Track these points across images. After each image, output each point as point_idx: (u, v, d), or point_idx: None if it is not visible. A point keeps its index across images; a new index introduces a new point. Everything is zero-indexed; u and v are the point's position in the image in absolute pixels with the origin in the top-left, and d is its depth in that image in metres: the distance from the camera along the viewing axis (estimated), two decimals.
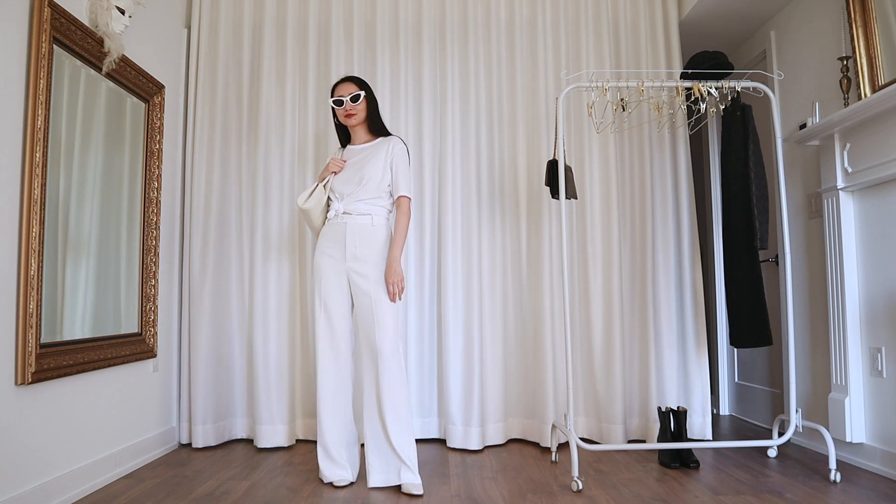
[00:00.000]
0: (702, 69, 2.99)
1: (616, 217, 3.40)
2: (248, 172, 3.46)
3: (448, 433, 3.26)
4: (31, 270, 2.21)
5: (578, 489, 2.51)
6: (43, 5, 2.27)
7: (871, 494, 2.44)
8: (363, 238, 2.62)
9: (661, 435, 3.00)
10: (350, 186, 2.66)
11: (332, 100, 2.72)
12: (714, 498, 2.41)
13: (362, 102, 2.71)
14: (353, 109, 2.70)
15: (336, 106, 2.72)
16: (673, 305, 3.43)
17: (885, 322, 2.74)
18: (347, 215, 2.64)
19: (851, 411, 2.84)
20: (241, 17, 3.52)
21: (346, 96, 2.69)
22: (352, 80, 2.74)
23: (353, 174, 2.68)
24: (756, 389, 3.91)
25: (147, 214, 3.07)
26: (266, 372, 3.30)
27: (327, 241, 2.67)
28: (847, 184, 2.87)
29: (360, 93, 2.70)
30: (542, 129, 3.46)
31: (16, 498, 2.12)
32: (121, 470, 2.78)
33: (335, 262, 2.64)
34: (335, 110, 2.75)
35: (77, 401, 2.52)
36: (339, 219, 2.66)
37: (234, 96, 3.51)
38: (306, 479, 2.71)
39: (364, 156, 2.71)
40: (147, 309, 3.05)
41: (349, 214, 2.64)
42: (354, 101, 2.69)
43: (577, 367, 3.41)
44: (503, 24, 3.54)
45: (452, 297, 3.33)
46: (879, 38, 2.75)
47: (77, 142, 2.54)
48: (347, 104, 2.69)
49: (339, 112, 2.73)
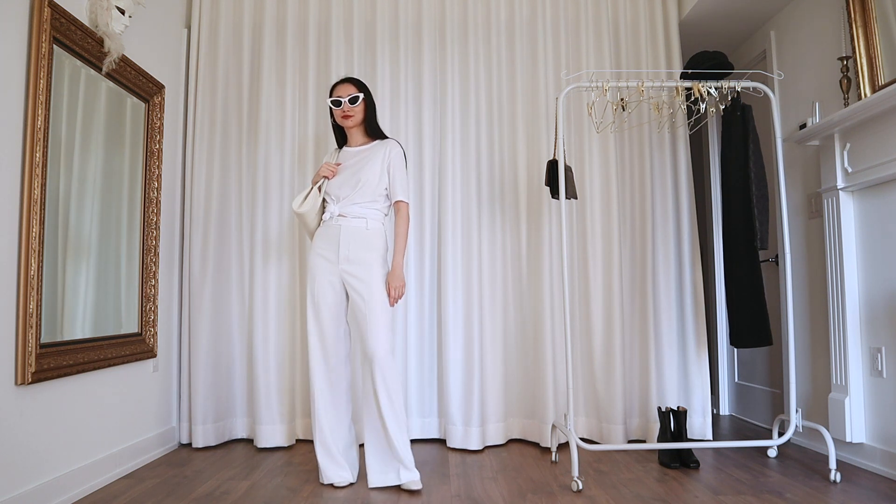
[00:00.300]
0: (702, 69, 2.99)
1: (616, 217, 3.40)
2: (248, 172, 3.46)
3: (448, 433, 3.26)
4: (31, 270, 2.21)
5: (578, 489, 2.51)
6: (43, 5, 2.27)
7: (871, 494, 2.44)
8: (357, 241, 2.62)
9: (661, 435, 3.00)
10: (346, 189, 2.65)
11: (331, 100, 2.72)
12: (714, 498, 2.41)
13: (360, 104, 2.71)
14: (351, 111, 2.69)
15: (334, 106, 2.72)
16: (673, 305, 3.43)
17: (885, 322, 2.74)
18: (342, 218, 2.65)
19: (851, 411, 2.84)
20: (241, 17, 3.52)
21: (345, 97, 2.69)
22: (351, 82, 2.73)
23: (349, 177, 2.67)
24: (756, 389, 3.91)
25: (147, 214, 3.07)
26: (266, 372, 3.30)
27: (321, 242, 2.68)
28: (847, 184, 2.87)
29: (359, 95, 2.70)
30: (542, 129, 3.46)
31: (16, 498, 2.13)
32: (121, 470, 2.78)
33: (329, 263, 2.64)
34: (333, 110, 2.75)
35: (77, 401, 2.52)
36: (333, 221, 2.66)
37: (234, 96, 3.51)
38: (306, 479, 2.71)
39: (360, 159, 2.71)
40: (147, 309, 3.05)
41: (344, 217, 2.65)
42: (353, 103, 2.69)
43: (577, 367, 3.41)
44: (503, 24, 3.54)
45: (452, 297, 3.33)
46: (879, 38, 2.75)
47: (77, 142, 2.54)
48: (345, 105, 2.69)
49: (337, 113, 2.72)
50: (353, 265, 2.61)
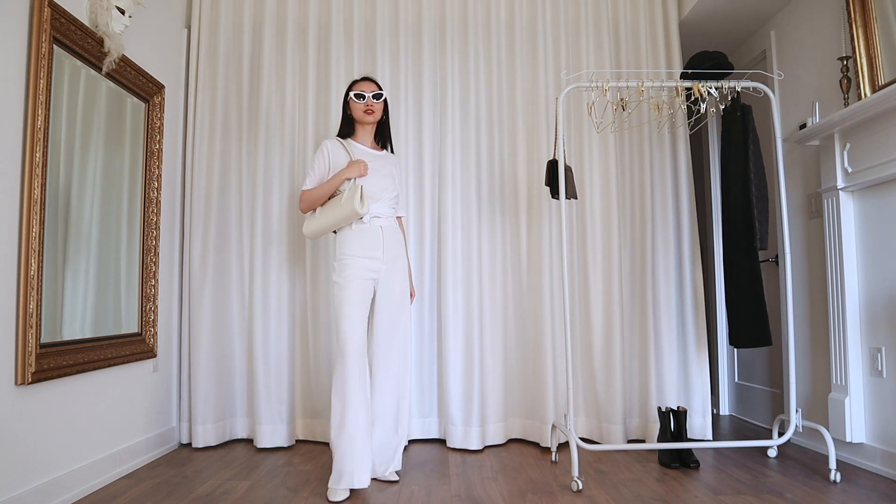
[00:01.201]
0: (702, 69, 2.99)
1: (616, 217, 3.40)
2: (248, 172, 3.46)
3: (448, 433, 3.26)
4: (31, 270, 2.21)
5: (578, 489, 2.51)
6: (43, 5, 2.27)
7: (871, 494, 2.44)
8: (395, 241, 2.73)
9: (661, 435, 3.00)
10: (378, 192, 2.69)
11: (354, 93, 2.73)
12: (714, 498, 2.41)
13: (381, 103, 2.76)
14: (374, 107, 2.73)
15: (357, 100, 2.72)
16: (673, 305, 3.43)
17: (885, 322, 2.74)
18: (378, 219, 2.67)
19: (851, 411, 2.84)
20: (241, 17, 3.52)
21: (369, 93, 2.72)
22: (374, 81, 2.79)
23: (378, 180, 2.71)
24: (756, 389, 3.91)
25: (147, 214, 3.07)
26: (266, 372, 3.30)
27: (362, 242, 2.62)
28: (847, 184, 2.87)
29: (382, 93, 2.76)
30: (542, 129, 3.46)
31: (16, 498, 2.13)
32: (121, 470, 2.78)
33: (375, 262, 2.63)
34: (352, 104, 2.74)
35: (77, 401, 2.52)
36: (372, 223, 2.65)
37: (235, 96, 3.51)
38: (306, 480, 2.71)
39: (380, 164, 2.75)
40: (147, 309, 3.05)
41: (379, 218, 2.68)
42: (376, 99, 2.73)
43: (577, 367, 3.41)
44: (503, 25, 3.54)
45: (452, 297, 3.33)
46: (879, 38, 2.75)
47: (77, 142, 2.54)
48: (370, 100, 2.72)
49: (359, 106, 2.72)
50: (393, 264, 2.70)
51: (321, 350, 3.37)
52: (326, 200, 2.67)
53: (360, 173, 2.62)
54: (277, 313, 3.37)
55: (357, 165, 2.62)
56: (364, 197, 2.57)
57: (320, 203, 2.67)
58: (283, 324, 3.37)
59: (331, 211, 2.62)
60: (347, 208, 2.56)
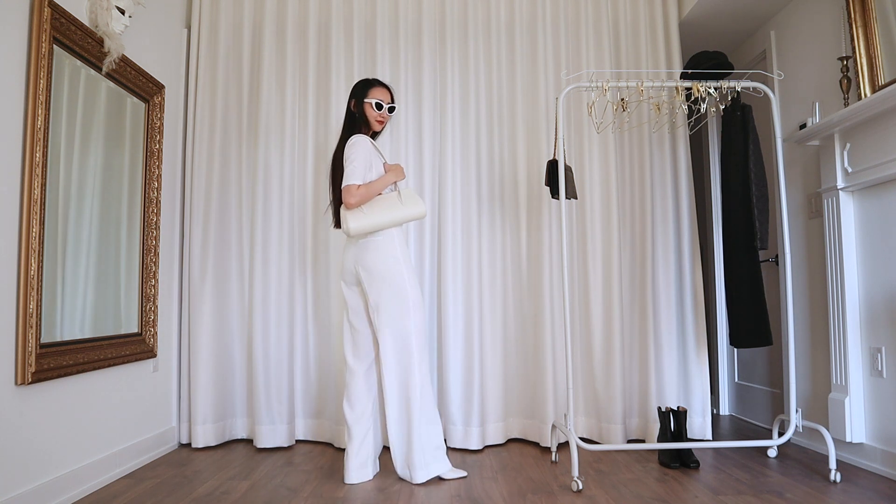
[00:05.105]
0: (702, 69, 2.99)
1: (616, 217, 3.40)
2: (248, 172, 3.46)
3: (448, 433, 3.26)
4: (31, 270, 2.21)
5: (578, 489, 2.51)
6: (43, 5, 2.27)
7: (871, 494, 2.44)
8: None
9: (661, 435, 3.00)
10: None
11: (375, 101, 2.73)
12: (714, 498, 2.41)
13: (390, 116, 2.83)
14: (386, 119, 2.79)
15: (375, 109, 2.74)
16: (673, 305, 3.43)
17: (885, 322, 2.74)
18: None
19: (851, 411, 2.84)
20: (241, 17, 3.52)
21: (386, 104, 2.76)
22: (390, 91, 2.82)
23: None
24: (756, 389, 3.91)
25: (147, 214, 3.07)
26: (266, 372, 3.30)
27: (404, 244, 2.72)
28: (847, 184, 2.87)
29: (395, 106, 2.82)
30: (542, 128, 3.45)
31: (16, 497, 2.13)
32: (121, 470, 2.78)
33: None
34: (367, 108, 2.74)
35: (77, 401, 2.52)
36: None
37: (235, 96, 3.51)
38: (306, 480, 2.71)
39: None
40: (147, 309, 3.05)
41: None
42: (390, 112, 2.80)
43: (577, 367, 3.41)
44: (503, 25, 3.54)
45: (452, 297, 3.32)
46: (879, 38, 2.75)
47: (77, 142, 2.54)
48: (385, 113, 2.76)
49: (374, 114, 2.74)
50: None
51: (321, 350, 3.37)
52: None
53: (403, 177, 2.74)
54: (277, 313, 3.36)
55: (400, 169, 2.73)
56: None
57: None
58: (282, 324, 3.37)
59: (389, 211, 2.61)
60: (416, 210, 2.65)
